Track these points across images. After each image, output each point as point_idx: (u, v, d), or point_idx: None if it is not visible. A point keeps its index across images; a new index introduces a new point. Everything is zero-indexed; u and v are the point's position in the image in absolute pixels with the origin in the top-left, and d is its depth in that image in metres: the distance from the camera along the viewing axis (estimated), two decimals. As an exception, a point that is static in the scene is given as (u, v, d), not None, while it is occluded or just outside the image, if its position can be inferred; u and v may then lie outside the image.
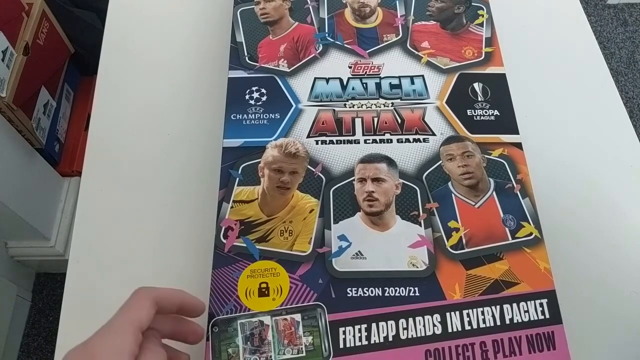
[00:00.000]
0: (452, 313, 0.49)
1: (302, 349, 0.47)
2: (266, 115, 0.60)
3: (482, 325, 0.48)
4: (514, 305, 0.49)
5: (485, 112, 0.61)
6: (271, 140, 0.58)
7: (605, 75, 0.72)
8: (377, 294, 0.50)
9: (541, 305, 0.49)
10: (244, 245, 0.52)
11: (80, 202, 0.63)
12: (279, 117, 0.60)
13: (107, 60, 0.73)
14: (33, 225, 1.28)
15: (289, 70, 0.64)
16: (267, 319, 0.48)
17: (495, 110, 0.61)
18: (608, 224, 0.61)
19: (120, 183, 0.63)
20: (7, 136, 1.16)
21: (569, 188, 0.63)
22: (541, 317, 0.49)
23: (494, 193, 0.55)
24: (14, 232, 1.31)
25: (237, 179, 0.56)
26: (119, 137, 0.67)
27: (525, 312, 0.49)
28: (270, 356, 0.47)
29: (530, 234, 0.53)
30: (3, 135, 1.14)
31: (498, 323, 0.48)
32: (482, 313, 0.49)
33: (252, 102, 0.61)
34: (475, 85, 0.63)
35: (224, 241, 0.53)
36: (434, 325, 0.48)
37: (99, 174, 0.64)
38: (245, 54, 0.65)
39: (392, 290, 0.50)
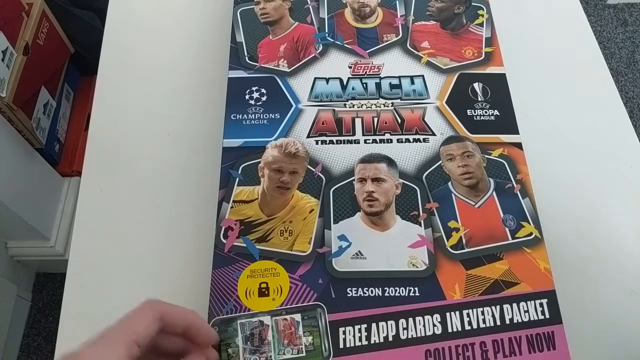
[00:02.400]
0: (452, 313, 0.49)
1: (302, 349, 0.47)
2: (266, 115, 0.60)
3: (482, 325, 0.48)
4: (514, 305, 0.49)
5: (485, 112, 0.61)
6: (271, 140, 0.58)
7: (605, 75, 0.72)
8: (377, 294, 0.50)
9: (541, 305, 0.49)
10: (244, 245, 0.52)
11: (80, 202, 0.63)
12: (279, 117, 0.60)
13: (107, 60, 0.73)
14: (33, 225, 1.28)
15: (289, 70, 0.63)
16: (267, 319, 0.48)
17: (495, 110, 0.61)
18: (608, 224, 0.61)
19: (120, 183, 0.63)
20: (7, 136, 1.16)
21: (569, 188, 0.63)
22: (541, 317, 0.49)
23: (494, 193, 0.55)
24: (14, 232, 1.31)
25: (237, 179, 0.56)
26: (119, 137, 0.67)
27: (525, 312, 0.49)
28: (270, 356, 0.47)
29: (530, 234, 0.53)
30: (3, 135, 1.14)
31: (498, 323, 0.48)
32: (482, 313, 0.49)
33: (252, 102, 0.61)
34: (475, 85, 0.62)
35: (224, 241, 0.52)
36: (434, 325, 0.48)
37: (99, 174, 0.64)
38: (245, 54, 0.65)
39: (392, 290, 0.50)
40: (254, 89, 0.62)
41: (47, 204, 1.36)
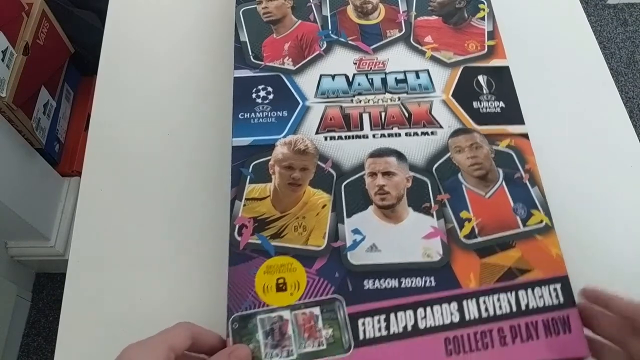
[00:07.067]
0: (469, 301, 0.50)
1: (322, 341, 0.48)
2: (274, 113, 0.60)
3: (498, 312, 0.49)
4: (529, 291, 0.50)
5: (491, 104, 0.61)
6: (280, 138, 0.59)
7: (605, 75, 0.72)
8: (393, 286, 0.50)
9: (555, 290, 0.50)
10: (259, 242, 0.53)
11: (80, 202, 0.63)
12: (286, 114, 0.60)
13: (107, 60, 0.73)
14: (33, 225, 1.28)
15: (294, 68, 0.64)
16: (286, 314, 0.49)
17: (501, 102, 0.62)
18: (608, 225, 0.62)
19: (121, 183, 0.64)
20: (7, 136, 1.16)
21: (569, 188, 0.63)
22: (555, 302, 0.50)
23: (504, 183, 0.56)
24: (14, 232, 1.31)
25: (248, 177, 0.56)
26: (119, 137, 0.67)
27: (540, 297, 0.50)
28: (292, 350, 0.47)
29: (541, 221, 0.54)
30: (3, 135, 1.14)
31: (514, 309, 0.49)
32: (498, 300, 0.50)
33: (259, 100, 0.61)
34: (480, 77, 0.63)
35: (239, 239, 0.53)
36: (452, 313, 0.49)
37: (99, 174, 0.64)
38: (250, 53, 0.65)
39: (408, 282, 0.51)
40: (260, 87, 0.62)
41: (47, 204, 1.36)
